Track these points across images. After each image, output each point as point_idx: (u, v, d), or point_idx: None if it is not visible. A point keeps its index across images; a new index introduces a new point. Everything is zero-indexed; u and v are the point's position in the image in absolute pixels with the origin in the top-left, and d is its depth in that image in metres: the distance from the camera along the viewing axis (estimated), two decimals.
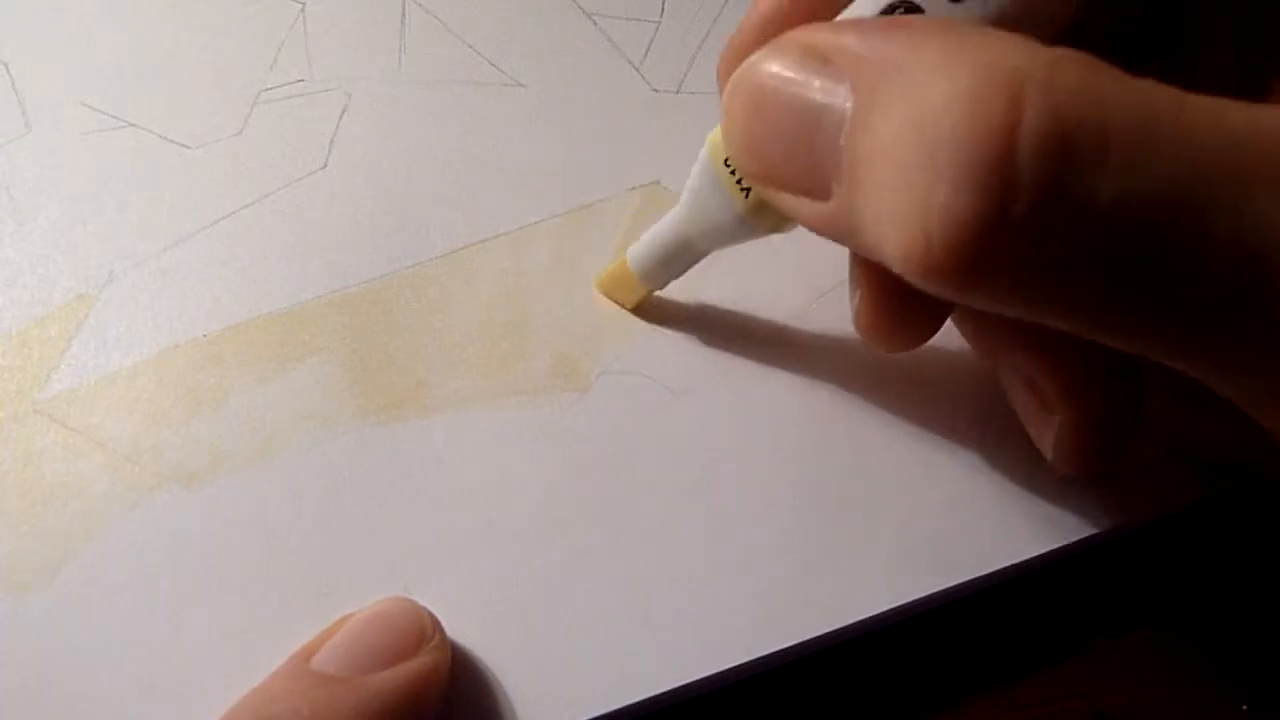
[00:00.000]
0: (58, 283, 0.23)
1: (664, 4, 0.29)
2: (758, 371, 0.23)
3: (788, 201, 0.17)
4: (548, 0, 0.29)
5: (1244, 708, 0.21)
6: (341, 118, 0.26)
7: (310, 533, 0.20)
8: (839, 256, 0.25)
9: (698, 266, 0.23)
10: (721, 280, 0.24)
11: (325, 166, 0.25)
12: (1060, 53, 0.13)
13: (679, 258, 0.22)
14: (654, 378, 0.23)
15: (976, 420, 0.23)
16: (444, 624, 0.19)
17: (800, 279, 0.25)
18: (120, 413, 0.22)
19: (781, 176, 0.17)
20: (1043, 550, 0.21)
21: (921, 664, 0.22)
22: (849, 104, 0.15)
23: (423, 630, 0.19)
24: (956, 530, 0.21)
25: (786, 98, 0.16)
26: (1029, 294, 0.14)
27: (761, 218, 0.20)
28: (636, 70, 0.28)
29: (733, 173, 0.19)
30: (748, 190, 0.19)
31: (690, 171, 0.20)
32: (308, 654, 0.18)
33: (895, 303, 0.20)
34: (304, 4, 0.28)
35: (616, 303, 0.24)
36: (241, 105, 0.26)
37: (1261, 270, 0.13)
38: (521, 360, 0.23)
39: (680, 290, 0.24)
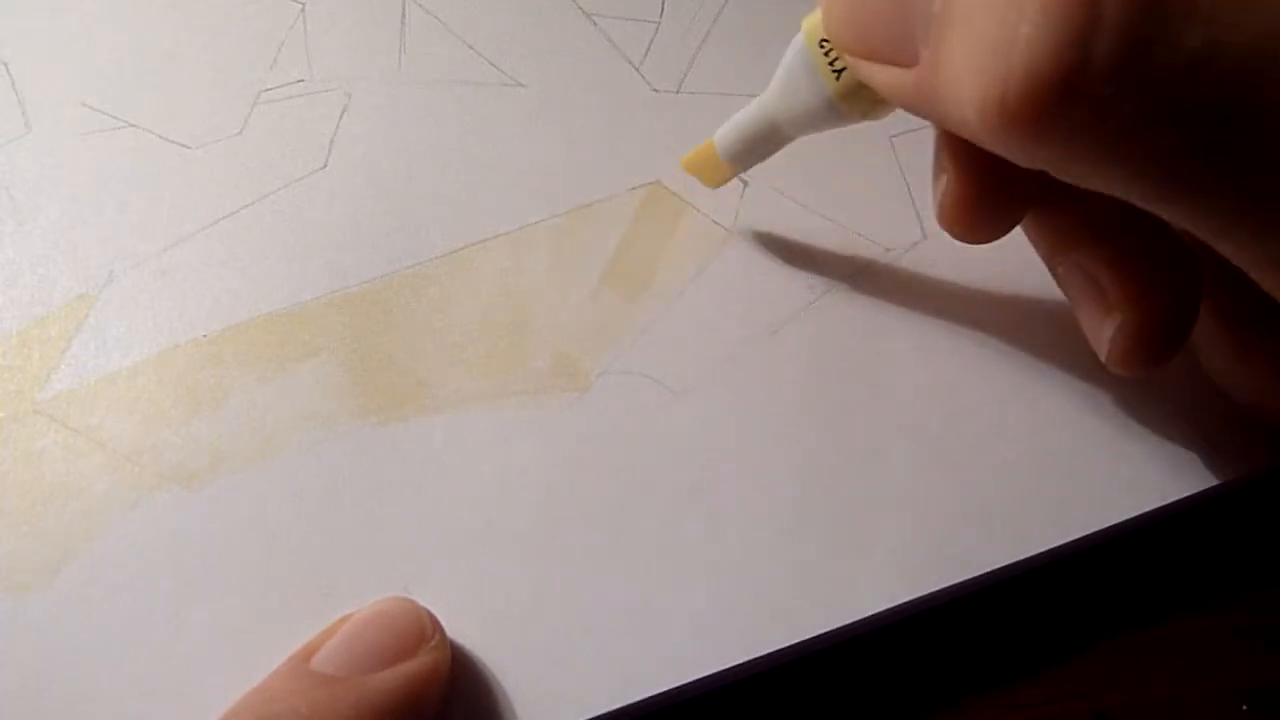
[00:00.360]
0: (58, 283, 0.23)
1: (664, 4, 0.29)
2: (758, 371, 0.23)
3: (877, 73, 0.17)
4: (548, 0, 0.29)
5: (1244, 708, 0.21)
6: (341, 118, 0.26)
7: (310, 533, 0.20)
8: (838, 256, 0.25)
9: (688, 276, 0.23)
10: (722, 279, 0.24)
11: (325, 166, 0.25)
12: None
13: (766, 142, 0.22)
14: (654, 378, 0.23)
15: (977, 420, 0.23)
16: (444, 624, 0.19)
17: (800, 279, 0.25)
18: (120, 413, 0.22)
19: (874, 44, 0.17)
20: (1043, 550, 0.21)
21: (921, 664, 0.22)
22: None
23: (422, 630, 0.19)
24: (956, 530, 0.21)
25: None
26: (1104, 148, 0.14)
27: (852, 103, 0.20)
28: (636, 70, 0.28)
29: (826, 54, 0.19)
30: (838, 74, 0.19)
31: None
32: (307, 654, 0.18)
33: (979, 187, 0.19)
34: (304, 4, 0.28)
35: (701, 180, 0.24)
36: (241, 105, 0.26)
37: None
38: (521, 360, 0.23)
39: (681, 291, 0.24)
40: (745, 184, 0.26)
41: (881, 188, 0.26)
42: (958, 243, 0.23)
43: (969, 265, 0.24)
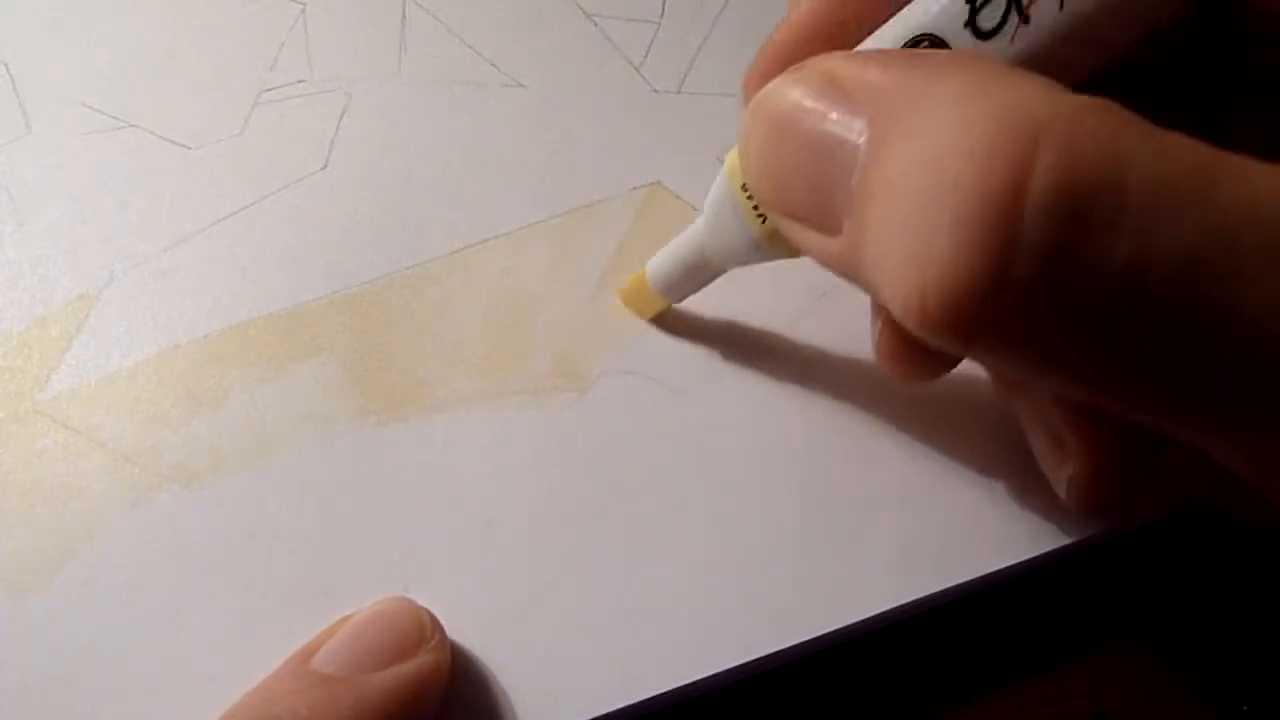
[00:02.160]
0: (58, 283, 0.23)
1: (664, 4, 0.29)
2: (758, 371, 0.23)
3: (799, 233, 0.16)
4: (548, 0, 0.29)
5: (1244, 708, 0.21)
6: (342, 118, 0.26)
7: (310, 533, 0.20)
8: None
9: None
10: (722, 280, 0.24)
11: (325, 167, 0.25)
12: (1083, 101, 0.13)
13: (696, 274, 0.22)
14: (654, 378, 0.23)
15: (978, 420, 0.23)
16: (444, 624, 0.19)
17: (800, 279, 0.25)
18: (120, 413, 0.22)
19: (795, 207, 0.16)
20: (1044, 550, 0.21)
21: (922, 664, 0.22)
22: (863, 139, 0.14)
23: (422, 630, 0.19)
24: (957, 530, 0.21)
25: (804, 128, 0.15)
26: (1029, 357, 0.13)
27: (777, 245, 0.19)
28: (636, 70, 0.28)
29: (750, 197, 0.19)
30: (764, 217, 0.19)
31: (702, 186, 0.19)
32: (307, 654, 0.18)
33: (914, 338, 0.19)
34: (304, 4, 0.28)
35: (636, 313, 0.24)
36: (241, 105, 0.26)
37: None
38: (521, 360, 0.23)
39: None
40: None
41: None
42: None
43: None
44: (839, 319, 0.24)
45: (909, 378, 0.20)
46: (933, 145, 0.13)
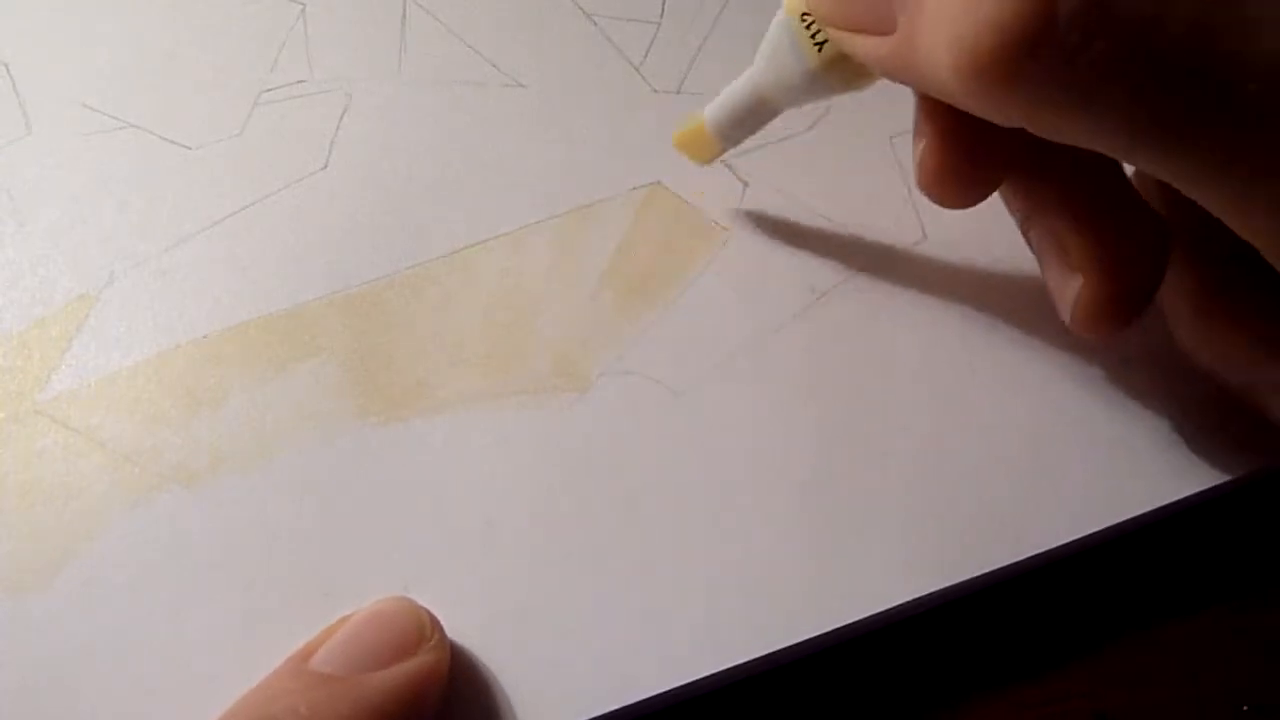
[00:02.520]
0: (58, 283, 0.23)
1: (664, 4, 0.29)
2: (758, 372, 0.23)
3: (857, 44, 0.18)
4: (548, 0, 0.29)
5: (1244, 708, 0.21)
6: (342, 118, 0.26)
7: (310, 533, 0.20)
8: (838, 256, 0.25)
9: (688, 276, 0.23)
10: (722, 279, 0.24)
11: (325, 167, 0.25)
12: None
13: (753, 115, 0.23)
14: (654, 378, 0.23)
15: (977, 420, 0.23)
16: (444, 624, 0.19)
17: (800, 279, 0.25)
18: (120, 413, 0.22)
19: (854, 15, 0.18)
20: (1044, 550, 0.21)
21: (923, 664, 0.22)
22: None
23: (422, 630, 0.19)
24: (956, 530, 0.21)
25: None
26: (1071, 97, 0.15)
27: (833, 74, 0.20)
28: (636, 70, 0.28)
29: (808, 27, 0.20)
30: (820, 45, 0.20)
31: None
32: (307, 654, 0.18)
33: (956, 150, 0.20)
34: (304, 4, 0.28)
35: (691, 158, 0.25)
36: (241, 105, 0.26)
37: None
38: (521, 360, 0.23)
39: (681, 291, 0.24)
40: (745, 184, 0.26)
41: (881, 188, 0.26)
42: (958, 243, 0.23)
43: (969, 265, 0.24)
44: (839, 319, 0.24)
45: (948, 198, 0.21)
46: None
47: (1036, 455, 0.22)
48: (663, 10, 0.29)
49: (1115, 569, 0.23)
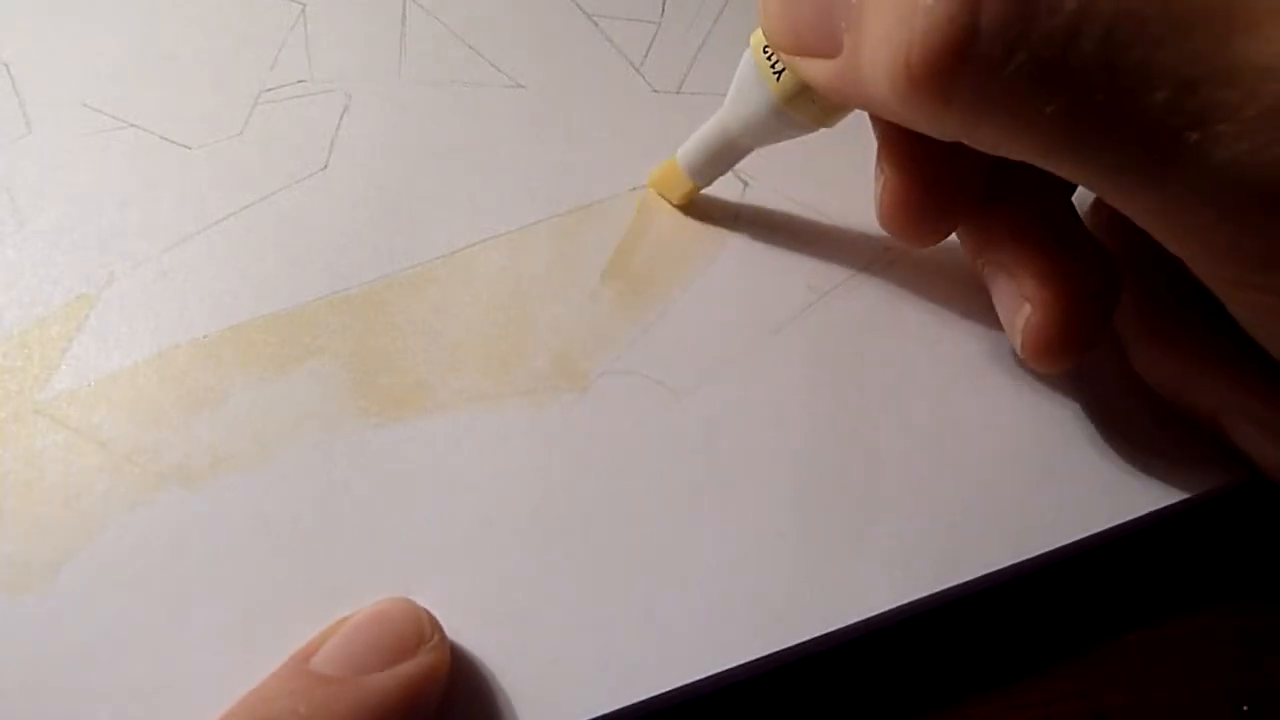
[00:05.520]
0: (58, 283, 0.23)
1: (664, 5, 0.29)
2: (758, 371, 0.23)
3: (807, 68, 0.19)
4: (548, 1, 0.29)
5: (1244, 708, 0.21)
6: (342, 118, 0.26)
7: (310, 533, 0.20)
8: (838, 256, 0.25)
9: (688, 277, 0.23)
10: (722, 279, 0.24)
11: (326, 167, 0.25)
12: None
13: (723, 153, 0.24)
14: (654, 378, 0.23)
15: (977, 420, 0.23)
16: (444, 624, 0.19)
17: (800, 279, 0.25)
18: (120, 413, 0.22)
19: (804, 39, 0.18)
20: (1043, 550, 0.21)
21: (922, 664, 0.22)
22: None
23: (421, 631, 0.19)
24: (956, 530, 0.21)
25: None
26: (998, 107, 0.16)
27: (796, 107, 0.21)
28: (636, 71, 0.28)
29: (769, 59, 0.21)
30: (779, 74, 0.21)
31: None
32: (306, 654, 0.18)
33: (914, 189, 0.21)
34: (304, 4, 0.28)
35: (666, 199, 0.25)
36: (241, 105, 0.26)
37: (1204, 107, 0.14)
38: (521, 360, 0.23)
39: (681, 291, 0.24)
40: (745, 184, 0.26)
41: None
42: (958, 243, 0.23)
43: (969, 266, 0.24)
44: (839, 319, 0.24)
45: (908, 235, 0.22)
46: None
47: (1036, 456, 0.22)
48: (663, 10, 0.29)
49: (1115, 569, 0.23)
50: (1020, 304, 0.21)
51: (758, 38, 0.21)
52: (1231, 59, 0.14)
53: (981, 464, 0.22)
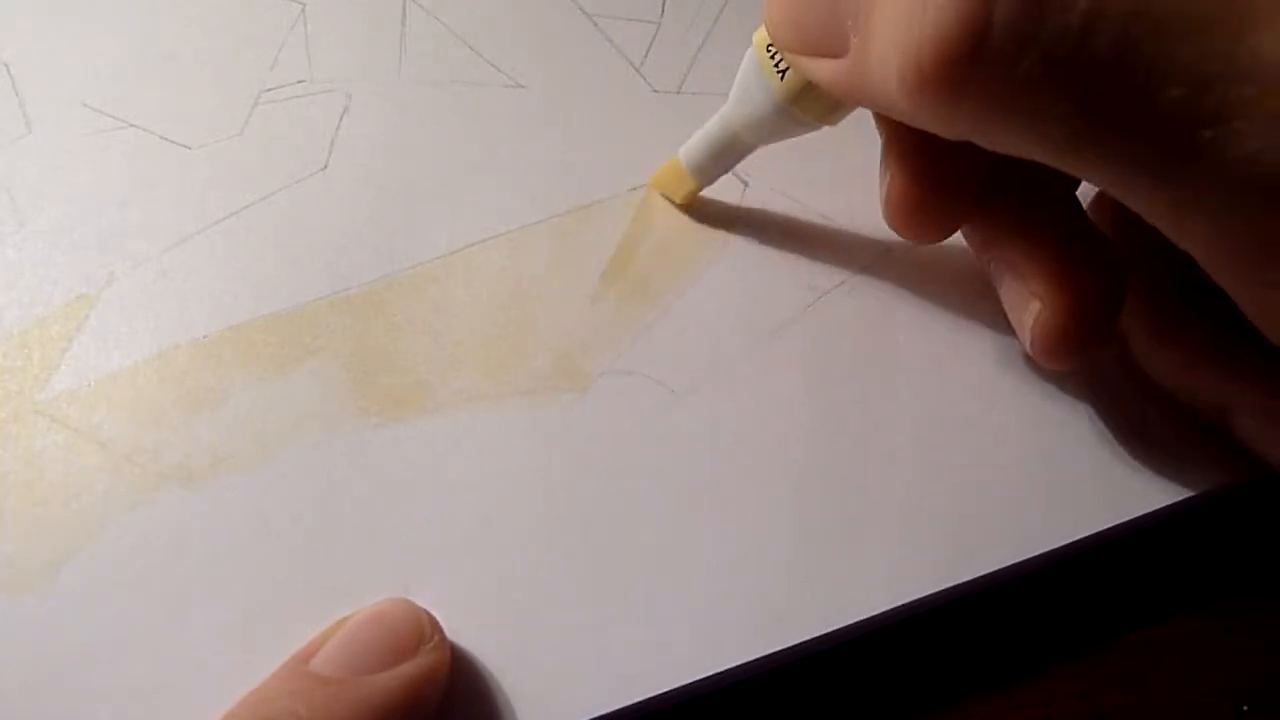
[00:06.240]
0: (58, 283, 0.23)
1: (664, 5, 0.29)
2: (758, 371, 0.23)
3: (815, 67, 0.19)
4: (548, 1, 0.29)
5: (1244, 708, 0.21)
6: (342, 118, 0.26)
7: (310, 533, 0.20)
8: (838, 256, 0.25)
9: (688, 277, 0.23)
10: (722, 279, 0.24)
11: (326, 167, 0.25)
12: None
13: (725, 152, 0.24)
14: (654, 378, 0.23)
15: (977, 420, 0.23)
16: (444, 624, 0.19)
17: (800, 279, 0.25)
18: (120, 413, 0.22)
19: (810, 39, 0.18)
20: (1043, 551, 0.21)
21: (922, 664, 0.22)
22: None
23: (421, 631, 0.19)
24: (956, 530, 0.21)
25: None
26: (1009, 107, 0.15)
27: (798, 103, 0.21)
28: (636, 71, 0.28)
29: (773, 58, 0.21)
30: (783, 73, 0.20)
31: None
32: (306, 655, 0.18)
33: (920, 186, 0.21)
34: (304, 4, 0.28)
35: (668, 198, 0.25)
36: (241, 105, 0.26)
37: (1219, 104, 0.14)
38: (521, 360, 0.23)
39: (681, 291, 0.24)
40: (745, 184, 0.26)
41: None
42: (958, 243, 0.23)
43: (969, 266, 0.24)
44: (839, 319, 0.24)
45: (913, 232, 0.22)
46: None
47: (1036, 456, 0.22)
48: (663, 10, 0.29)
49: (1114, 569, 0.23)
50: (1028, 301, 0.21)
51: (761, 36, 0.21)
52: (1247, 55, 0.14)
53: (981, 464, 0.22)
